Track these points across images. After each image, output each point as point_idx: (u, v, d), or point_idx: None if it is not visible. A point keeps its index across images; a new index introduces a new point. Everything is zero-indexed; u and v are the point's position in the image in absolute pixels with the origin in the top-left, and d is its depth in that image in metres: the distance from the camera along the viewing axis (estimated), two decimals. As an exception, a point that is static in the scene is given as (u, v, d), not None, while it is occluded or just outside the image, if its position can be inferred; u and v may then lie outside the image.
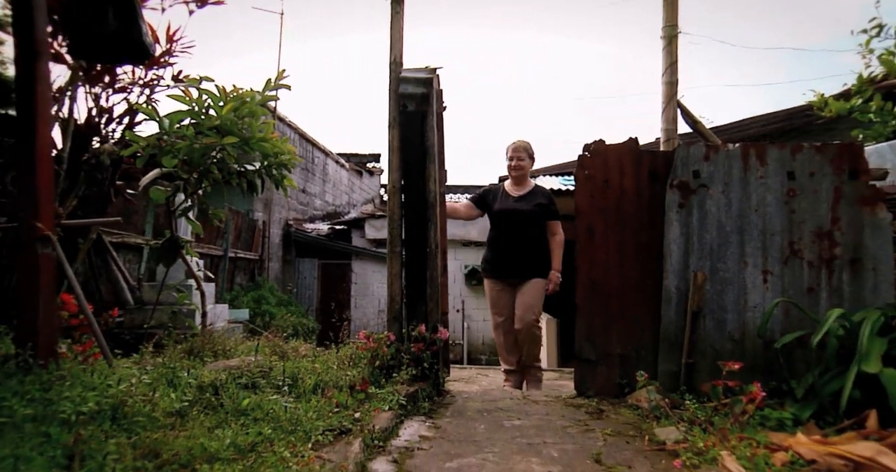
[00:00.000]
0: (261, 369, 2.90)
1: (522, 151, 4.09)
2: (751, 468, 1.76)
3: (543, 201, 3.97)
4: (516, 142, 4.17)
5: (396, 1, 3.44)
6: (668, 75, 3.43)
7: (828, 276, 3.01)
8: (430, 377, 3.12)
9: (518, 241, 3.90)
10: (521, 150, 4.10)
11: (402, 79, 3.26)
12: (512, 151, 4.10)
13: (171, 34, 4.24)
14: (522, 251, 3.87)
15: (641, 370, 2.96)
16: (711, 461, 1.87)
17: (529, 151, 4.14)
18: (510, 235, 3.95)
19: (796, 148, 3.06)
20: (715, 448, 1.91)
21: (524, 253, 3.86)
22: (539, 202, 3.97)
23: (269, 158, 3.74)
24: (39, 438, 1.87)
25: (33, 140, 2.57)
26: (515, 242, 3.91)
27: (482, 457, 2.14)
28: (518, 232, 3.92)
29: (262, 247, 11.57)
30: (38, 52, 2.57)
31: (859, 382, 2.50)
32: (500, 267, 3.95)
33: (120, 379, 2.35)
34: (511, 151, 4.11)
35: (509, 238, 3.94)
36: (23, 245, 2.58)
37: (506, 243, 3.96)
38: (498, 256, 4.00)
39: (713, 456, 1.90)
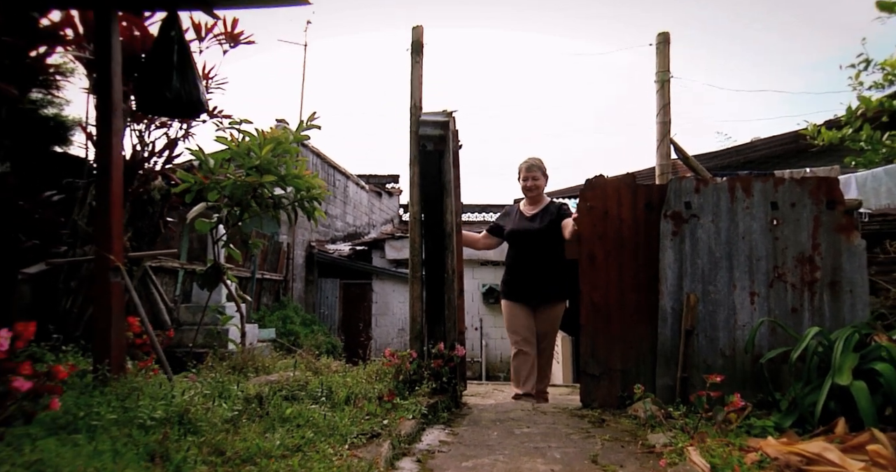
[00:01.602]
0: (298, 383, 3.27)
1: (536, 170, 4.07)
2: (720, 463, 2.07)
3: (554, 217, 3.97)
4: (529, 160, 4.13)
5: (416, 51, 3.86)
6: (662, 116, 3.79)
7: (810, 297, 3.30)
8: (448, 391, 3.46)
9: (534, 261, 3.98)
10: (534, 169, 4.07)
11: (422, 122, 3.66)
12: (525, 171, 4.08)
13: (206, 72, 4.70)
14: (539, 273, 3.96)
15: (640, 384, 3.27)
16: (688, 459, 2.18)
17: (543, 169, 4.12)
18: (525, 255, 4.02)
19: (778, 181, 3.39)
20: (692, 448, 2.23)
21: (541, 274, 3.95)
22: (551, 219, 3.97)
23: (302, 193, 4.15)
24: (124, 438, 2.25)
25: (108, 185, 3.00)
26: (531, 262, 3.99)
27: (494, 458, 2.47)
28: (533, 252, 3.99)
29: (287, 268, 12.04)
30: (113, 110, 3.02)
31: (834, 393, 2.79)
32: (518, 290, 4.05)
33: (184, 391, 2.73)
34: (524, 172, 4.08)
35: (525, 259, 4.02)
36: (98, 275, 3.00)
37: (522, 264, 4.03)
38: (515, 278, 4.07)
39: (688, 454, 2.21)
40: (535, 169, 4.09)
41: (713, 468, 2.03)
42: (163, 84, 2.87)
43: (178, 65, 2.92)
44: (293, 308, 11.43)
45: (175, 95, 2.88)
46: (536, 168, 4.10)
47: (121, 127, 3.11)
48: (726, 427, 2.70)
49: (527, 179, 4.09)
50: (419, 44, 3.81)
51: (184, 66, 2.96)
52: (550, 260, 3.96)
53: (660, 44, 3.79)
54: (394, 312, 13.15)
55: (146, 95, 2.94)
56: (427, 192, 3.70)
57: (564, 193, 10.58)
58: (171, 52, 2.94)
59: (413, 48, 3.81)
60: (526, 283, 4.03)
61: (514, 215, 4.23)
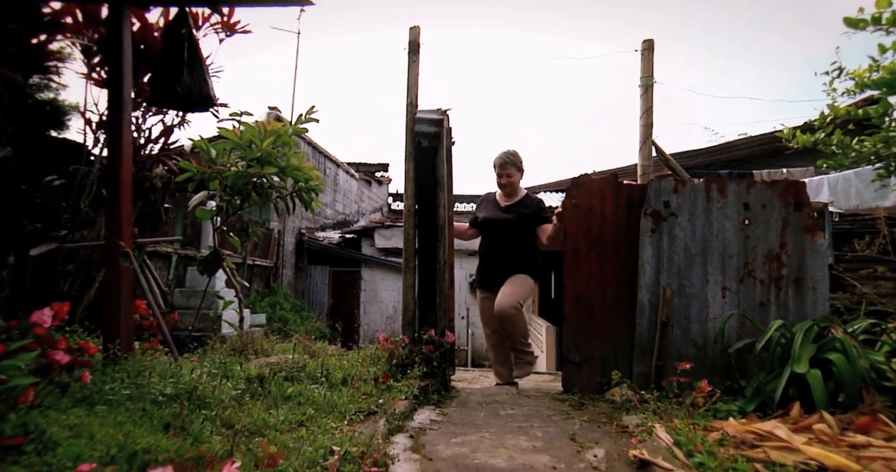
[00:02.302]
0: (297, 365, 3.46)
1: (510, 166, 4.11)
2: (684, 440, 2.30)
3: (528, 211, 4.04)
4: (502, 156, 4.13)
5: (413, 51, 4.02)
6: (645, 119, 4.00)
7: (776, 292, 3.55)
8: (438, 375, 3.68)
9: (503, 250, 4.09)
10: (507, 165, 4.10)
11: (417, 119, 3.84)
12: (500, 169, 4.11)
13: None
14: (508, 261, 4.07)
15: (618, 371, 3.50)
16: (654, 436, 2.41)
17: (517, 164, 4.13)
18: (495, 244, 4.13)
19: (751, 183, 3.61)
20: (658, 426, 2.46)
21: (509, 263, 4.06)
22: (524, 212, 4.04)
23: (300, 184, 4.31)
24: (139, 411, 2.44)
25: (119, 174, 3.15)
26: (501, 251, 4.10)
27: (480, 435, 2.69)
28: (502, 241, 4.09)
29: (277, 255, 12.16)
30: (124, 102, 3.16)
31: (793, 381, 3.04)
32: (488, 277, 4.18)
33: (192, 370, 2.91)
34: (498, 168, 4.11)
35: (495, 248, 4.13)
36: (108, 260, 3.16)
37: (492, 252, 4.15)
38: (486, 266, 4.20)
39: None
40: (508, 166, 4.12)
41: (677, 444, 2.26)
42: (174, 79, 3.02)
43: (188, 61, 3.06)
44: (283, 295, 11.58)
45: (186, 91, 3.03)
46: (510, 164, 4.12)
47: (130, 119, 3.25)
48: (694, 410, 2.94)
49: (501, 176, 4.13)
50: (416, 44, 3.97)
51: (193, 62, 3.11)
52: (520, 251, 4.06)
53: (644, 50, 3.99)
54: (382, 299, 13.36)
55: (158, 90, 3.08)
56: (421, 187, 3.88)
57: (553, 186, 10.81)
58: (182, 49, 3.08)
59: (410, 48, 3.97)
60: (495, 272, 4.14)
61: (489, 204, 4.29)
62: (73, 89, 19.49)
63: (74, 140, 5.29)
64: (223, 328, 5.97)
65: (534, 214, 4.06)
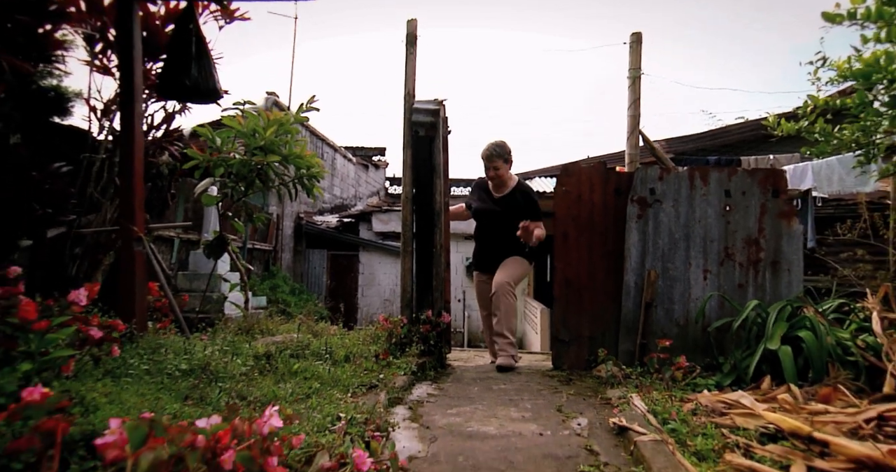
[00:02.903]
0: (301, 343, 3.67)
1: (497, 158, 4.12)
2: (660, 410, 2.52)
3: (520, 203, 4.11)
4: (489, 149, 4.14)
5: (410, 43, 4.16)
6: (633, 110, 4.16)
7: (754, 275, 3.76)
8: (434, 353, 3.89)
9: (496, 239, 4.21)
10: (494, 158, 4.12)
11: (415, 109, 3.99)
12: (487, 161, 4.14)
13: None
14: (502, 246, 4.19)
15: (604, 349, 3.72)
16: (632, 406, 2.64)
17: (504, 155, 4.14)
18: (489, 233, 4.25)
19: (732, 171, 3.80)
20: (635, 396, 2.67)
21: (504, 247, 4.19)
22: (515, 204, 4.12)
23: (302, 171, 4.47)
24: (158, 384, 2.64)
25: (131, 163, 3.32)
26: (494, 240, 4.23)
27: (474, 407, 2.91)
28: (496, 231, 4.20)
29: (276, 238, 12.33)
30: (135, 94, 3.32)
31: (766, 357, 3.26)
32: (484, 261, 4.34)
33: (205, 347, 3.11)
34: (485, 161, 4.14)
35: (489, 236, 4.26)
36: (123, 244, 3.34)
37: (486, 238, 4.28)
38: (481, 250, 4.36)
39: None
40: (494, 158, 4.14)
41: (652, 412, 2.47)
42: (182, 72, 3.17)
43: (196, 55, 3.21)
44: (282, 278, 11.78)
45: (193, 83, 3.19)
46: (496, 157, 4.14)
47: (142, 110, 3.41)
48: (673, 384, 3.16)
49: (488, 168, 4.17)
50: (413, 36, 4.11)
51: (200, 56, 3.25)
52: (513, 237, 4.13)
53: (633, 43, 4.14)
54: (380, 282, 13.57)
55: (167, 82, 3.23)
56: (419, 174, 4.05)
57: (547, 172, 10.97)
58: (190, 43, 3.22)
59: (408, 40, 4.11)
60: (490, 255, 4.29)
61: (481, 193, 4.36)
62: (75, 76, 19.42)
63: (79, 127, 5.43)
64: (227, 309, 6.16)
65: (524, 207, 4.14)
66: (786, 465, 1.97)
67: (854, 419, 2.32)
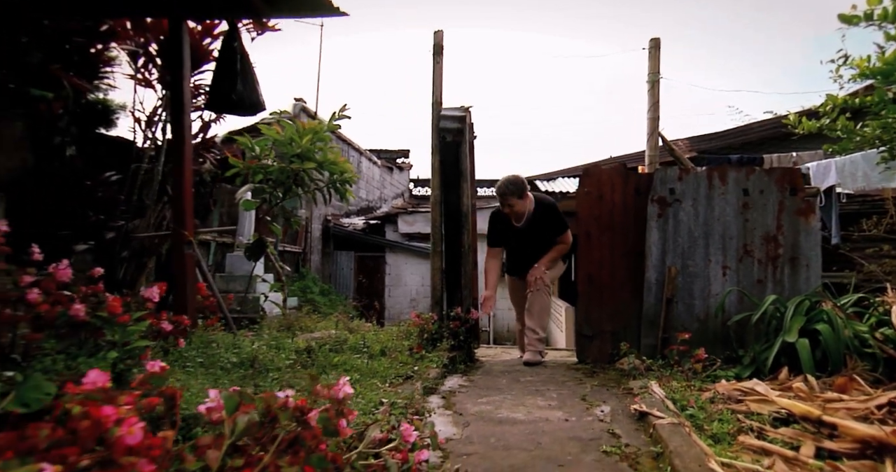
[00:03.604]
0: (339, 339, 3.91)
1: (510, 196, 4.12)
2: (679, 398, 2.68)
3: (544, 223, 4.21)
4: (501, 187, 4.16)
5: (437, 53, 4.37)
6: (652, 112, 4.30)
7: (773, 270, 3.88)
8: (464, 348, 4.09)
9: (528, 252, 4.32)
10: (508, 196, 4.12)
11: (442, 116, 4.20)
12: (501, 198, 4.16)
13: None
14: (534, 256, 4.28)
15: (626, 343, 3.88)
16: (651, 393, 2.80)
17: (519, 192, 4.14)
18: (523, 252, 4.35)
19: (749, 171, 3.92)
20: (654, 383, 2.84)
21: (536, 256, 4.28)
22: (541, 226, 4.21)
23: (335, 176, 4.72)
24: (213, 375, 2.89)
25: (182, 174, 3.59)
26: (525, 253, 4.33)
27: (503, 397, 3.10)
28: (526, 248, 4.31)
29: (305, 241, 12.68)
30: (184, 108, 3.59)
31: (784, 349, 3.38)
32: (516, 268, 4.47)
33: (253, 342, 3.37)
34: (500, 198, 4.18)
35: (523, 254, 4.35)
36: (175, 248, 3.62)
37: (520, 256, 4.39)
38: (513, 261, 4.49)
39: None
40: (508, 196, 4.13)
41: (671, 399, 2.64)
42: (229, 88, 3.43)
43: (241, 72, 3.47)
44: (312, 279, 12.11)
45: (239, 98, 3.45)
46: (510, 195, 4.13)
47: (190, 122, 3.69)
48: (693, 376, 3.31)
49: (503, 205, 4.20)
50: (440, 46, 4.32)
51: (245, 72, 3.51)
52: (542, 248, 4.26)
53: (651, 49, 4.28)
54: (406, 283, 13.81)
55: (216, 97, 3.50)
56: (446, 178, 4.26)
57: (567, 172, 11.10)
58: (235, 60, 3.48)
59: (434, 50, 4.32)
60: (522, 264, 4.39)
61: (502, 225, 4.36)
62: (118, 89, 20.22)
63: (124, 137, 5.78)
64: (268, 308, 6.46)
65: (552, 225, 4.21)
66: (796, 446, 2.12)
67: (865, 405, 2.45)
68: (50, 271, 1.90)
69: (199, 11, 3.71)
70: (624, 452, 2.16)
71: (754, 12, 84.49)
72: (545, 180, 11.28)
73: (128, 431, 0.80)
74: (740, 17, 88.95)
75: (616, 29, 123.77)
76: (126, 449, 0.79)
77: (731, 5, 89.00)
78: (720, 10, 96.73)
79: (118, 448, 0.78)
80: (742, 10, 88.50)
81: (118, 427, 0.80)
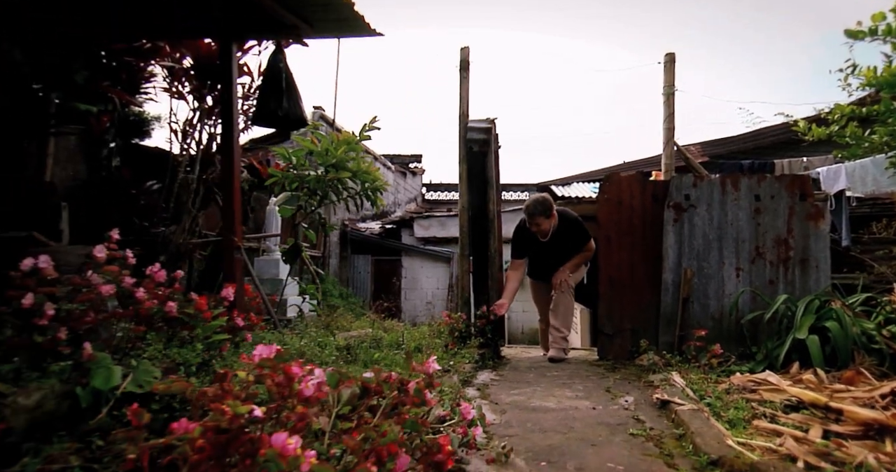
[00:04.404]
0: (375, 337, 4.18)
1: (538, 216, 4.36)
2: (697, 388, 2.92)
3: (568, 236, 4.45)
4: (529, 208, 4.39)
5: (463, 69, 4.64)
6: (668, 123, 4.55)
7: (784, 272, 4.10)
8: (491, 345, 4.35)
9: (551, 262, 4.58)
10: (535, 216, 4.36)
11: (469, 128, 4.47)
12: (529, 219, 4.41)
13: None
14: (556, 265, 4.55)
15: (645, 340, 4.11)
16: (672, 384, 3.04)
17: (546, 213, 4.38)
18: (546, 262, 4.59)
19: (761, 177, 4.16)
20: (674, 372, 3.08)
21: (558, 265, 4.55)
22: (565, 239, 4.45)
23: (367, 184, 5.01)
24: (270, 369, 3.15)
25: (231, 184, 3.88)
26: (551, 264, 4.58)
27: (533, 389, 3.36)
28: (552, 260, 4.55)
29: (324, 245, 12.99)
30: (233, 124, 3.88)
31: (795, 345, 3.61)
32: (539, 274, 4.76)
33: (301, 338, 3.65)
34: (528, 219, 4.41)
35: (546, 263, 4.60)
36: (225, 252, 3.91)
37: (543, 264, 4.64)
38: (538, 269, 4.74)
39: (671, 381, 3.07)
40: (535, 216, 4.38)
41: (693, 391, 2.88)
42: (276, 105, 3.72)
43: (286, 89, 3.76)
44: (331, 282, 12.41)
45: (285, 114, 3.73)
46: (538, 215, 4.37)
47: (238, 137, 3.98)
48: (710, 370, 3.54)
49: (531, 224, 4.45)
50: (466, 62, 4.60)
51: (290, 89, 3.80)
52: (565, 257, 4.54)
53: (667, 63, 4.53)
54: (422, 286, 14.08)
55: (263, 113, 3.79)
56: (473, 186, 4.53)
57: (585, 177, 11.34)
58: (280, 79, 3.77)
59: (461, 66, 4.60)
60: (545, 271, 4.68)
61: (527, 241, 4.60)
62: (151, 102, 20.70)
63: (161, 148, 6.10)
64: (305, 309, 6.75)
65: (575, 238, 4.46)
66: (805, 429, 2.36)
67: (870, 394, 2.68)
68: (148, 273, 2.19)
69: (249, 33, 4.01)
70: (649, 434, 2.41)
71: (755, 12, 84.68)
72: (560, 185, 11.52)
73: (305, 385, 1.07)
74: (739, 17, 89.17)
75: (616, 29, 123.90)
76: (305, 399, 1.05)
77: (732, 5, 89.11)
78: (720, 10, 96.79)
79: (300, 397, 1.05)
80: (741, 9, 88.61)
81: (299, 383, 1.07)
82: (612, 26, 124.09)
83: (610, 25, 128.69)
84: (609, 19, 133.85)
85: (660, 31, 74.43)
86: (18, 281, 1.97)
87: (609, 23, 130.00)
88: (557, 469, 2.03)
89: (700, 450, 2.08)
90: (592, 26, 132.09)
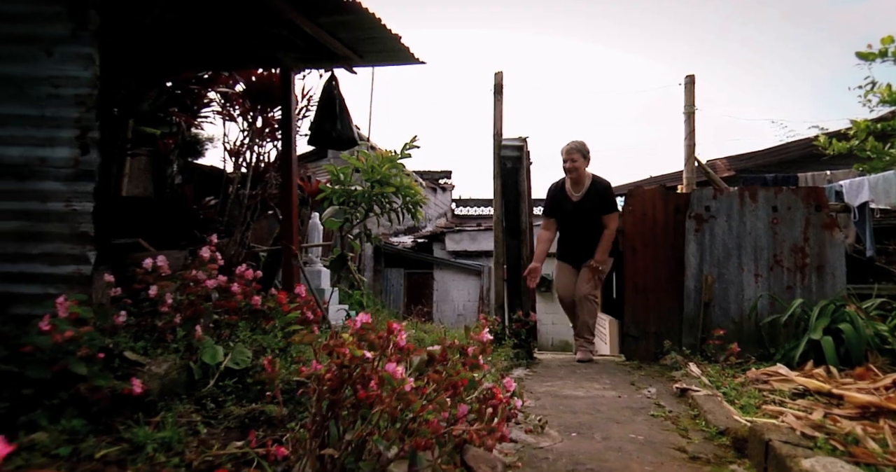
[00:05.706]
0: (417, 339, 4.56)
1: (576, 152, 4.40)
2: (714, 379, 3.21)
3: (598, 200, 4.47)
4: (569, 144, 4.47)
5: (497, 92, 5.06)
6: (689, 140, 4.87)
7: (801, 278, 4.36)
8: (524, 346, 4.68)
9: (581, 236, 4.60)
10: (574, 151, 4.39)
11: (503, 146, 4.87)
12: (566, 154, 4.44)
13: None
14: (585, 243, 4.57)
15: (669, 342, 4.40)
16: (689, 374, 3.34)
17: (583, 152, 4.42)
18: (574, 232, 4.64)
19: (777, 190, 4.44)
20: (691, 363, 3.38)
21: (587, 244, 4.55)
22: (595, 202, 4.47)
23: (408, 199, 5.43)
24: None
25: (289, 199, 4.34)
26: (579, 237, 4.62)
27: (563, 382, 3.69)
28: (580, 230, 4.59)
29: (359, 259, 13.47)
30: (291, 146, 4.35)
31: (811, 346, 3.86)
32: (569, 254, 4.75)
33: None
34: (565, 154, 4.45)
35: (574, 234, 4.65)
36: (285, 260, 4.36)
37: (572, 238, 4.68)
38: (566, 244, 4.77)
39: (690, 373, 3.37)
40: (573, 152, 4.41)
41: (710, 381, 3.18)
42: (331, 127, 4.18)
43: (339, 112, 4.22)
44: (366, 294, 12.87)
45: (338, 135, 4.19)
46: (575, 150, 4.41)
47: (296, 157, 4.45)
48: (727, 367, 3.82)
49: (566, 160, 4.47)
50: (500, 86, 5.01)
51: (342, 112, 4.26)
52: (595, 233, 4.53)
53: (687, 84, 4.87)
54: (453, 299, 14.44)
55: (318, 134, 4.25)
56: (507, 200, 4.91)
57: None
58: (335, 103, 4.24)
59: (495, 89, 5.02)
60: (576, 251, 4.69)
61: (560, 197, 4.62)
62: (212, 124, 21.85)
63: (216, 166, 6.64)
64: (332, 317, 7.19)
65: (603, 203, 4.50)
66: (809, 411, 2.65)
67: (873, 385, 2.95)
68: (238, 273, 2.62)
69: (306, 64, 4.49)
70: (667, 415, 2.73)
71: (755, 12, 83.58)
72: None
73: (400, 338, 1.46)
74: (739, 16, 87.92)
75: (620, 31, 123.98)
76: (400, 348, 1.44)
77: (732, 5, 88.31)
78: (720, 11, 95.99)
79: (396, 346, 1.44)
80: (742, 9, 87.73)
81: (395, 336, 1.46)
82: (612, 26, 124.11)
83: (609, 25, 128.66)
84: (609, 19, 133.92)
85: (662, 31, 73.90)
86: (140, 277, 2.41)
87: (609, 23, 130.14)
88: (586, 439, 2.37)
89: (710, 424, 2.40)
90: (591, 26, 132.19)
